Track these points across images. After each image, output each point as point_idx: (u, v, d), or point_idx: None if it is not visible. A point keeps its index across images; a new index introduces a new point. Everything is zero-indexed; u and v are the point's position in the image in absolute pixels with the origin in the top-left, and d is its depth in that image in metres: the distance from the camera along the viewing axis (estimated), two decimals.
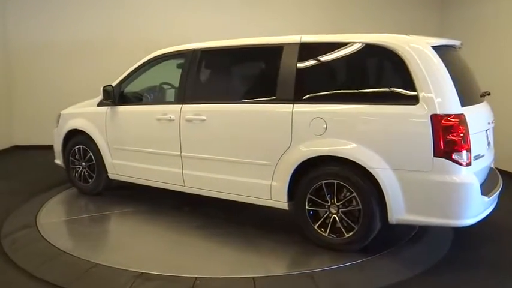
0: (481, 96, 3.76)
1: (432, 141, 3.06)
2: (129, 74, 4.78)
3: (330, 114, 3.43)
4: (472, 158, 3.12)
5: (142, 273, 3.10)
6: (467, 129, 3.08)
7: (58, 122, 5.34)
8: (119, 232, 4.04)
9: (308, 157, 3.47)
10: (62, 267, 3.25)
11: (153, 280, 3.03)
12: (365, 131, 3.33)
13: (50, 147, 7.81)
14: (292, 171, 3.54)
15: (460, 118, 3.07)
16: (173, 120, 4.17)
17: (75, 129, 5.06)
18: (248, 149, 3.82)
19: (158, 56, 4.61)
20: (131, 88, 4.84)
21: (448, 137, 3.04)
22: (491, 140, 3.78)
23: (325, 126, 3.41)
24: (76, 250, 3.47)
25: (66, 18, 7.83)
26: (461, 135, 3.04)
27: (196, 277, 3.04)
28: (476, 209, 3.15)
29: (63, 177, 5.66)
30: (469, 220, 3.12)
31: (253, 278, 3.06)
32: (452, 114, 3.06)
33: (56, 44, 7.84)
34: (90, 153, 4.95)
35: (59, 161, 5.39)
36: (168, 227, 4.12)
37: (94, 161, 4.94)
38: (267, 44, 3.89)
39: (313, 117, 3.46)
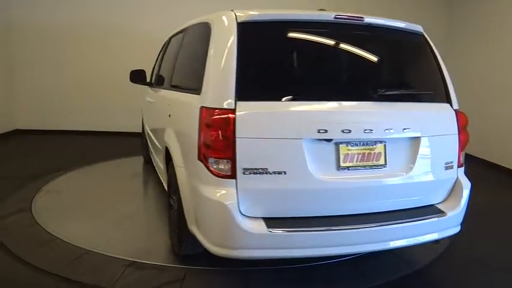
0: (379, 95, 2.61)
1: (197, 140, 2.51)
2: (157, 57, 5.20)
3: (170, 102, 3.42)
4: (241, 171, 2.37)
5: (134, 261, 3.07)
6: (232, 130, 2.35)
7: None
8: (117, 216, 3.96)
9: (161, 146, 3.50)
10: (54, 253, 3.21)
11: (144, 269, 3.00)
12: (176, 122, 3.09)
13: (51, 132, 7.86)
14: (164, 159, 3.51)
15: (223, 114, 2.38)
16: (152, 102, 4.61)
17: None
18: (160, 134, 3.83)
19: (167, 41, 4.83)
20: (161, 71, 4.97)
21: (205, 137, 2.45)
22: (396, 158, 2.62)
23: (169, 114, 3.34)
24: (69, 236, 3.45)
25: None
26: (218, 136, 2.38)
27: (187, 267, 3.01)
28: (235, 239, 2.38)
29: (61, 163, 5.67)
30: (223, 251, 2.42)
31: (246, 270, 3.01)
32: (215, 109, 2.41)
33: (60, 24, 7.78)
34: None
35: None
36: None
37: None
38: (185, 28, 3.76)
39: (168, 104, 3.47)
